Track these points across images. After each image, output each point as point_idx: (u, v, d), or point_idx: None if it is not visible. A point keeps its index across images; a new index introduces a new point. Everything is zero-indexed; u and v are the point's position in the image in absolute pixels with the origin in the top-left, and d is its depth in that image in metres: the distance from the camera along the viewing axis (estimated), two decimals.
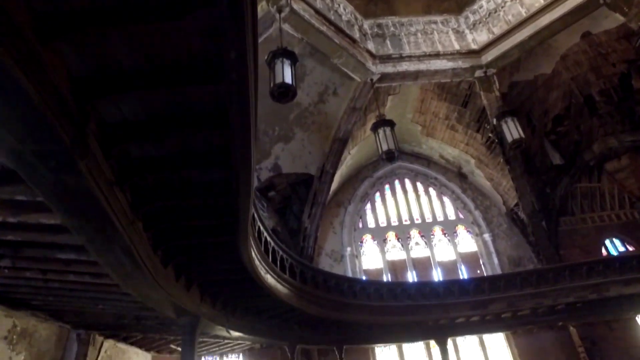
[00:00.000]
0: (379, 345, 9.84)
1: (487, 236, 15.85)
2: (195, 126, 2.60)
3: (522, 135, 11.45)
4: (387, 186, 17.51)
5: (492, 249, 15.46)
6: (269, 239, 5.80)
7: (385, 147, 10.74)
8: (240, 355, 13.60)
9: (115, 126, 2.43)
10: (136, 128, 2.52)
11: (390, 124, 11.02)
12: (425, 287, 9.22)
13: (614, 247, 15.27)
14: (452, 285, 9.43)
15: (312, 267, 7.45)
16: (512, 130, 11.64)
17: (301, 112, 13.93)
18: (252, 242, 4.72)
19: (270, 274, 5.70)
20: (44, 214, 3.25)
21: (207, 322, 5.71)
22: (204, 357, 13.75)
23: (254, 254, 4.79)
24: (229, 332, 6.33)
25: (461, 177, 17.46)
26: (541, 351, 13.49)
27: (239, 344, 11.83)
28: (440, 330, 9.72)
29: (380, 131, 11.05)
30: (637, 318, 13.89)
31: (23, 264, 4.47)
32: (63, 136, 1.82)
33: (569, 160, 15.07)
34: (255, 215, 4.90)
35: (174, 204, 3.45)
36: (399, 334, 9.52)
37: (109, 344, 10.21)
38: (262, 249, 5.30)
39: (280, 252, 6.31)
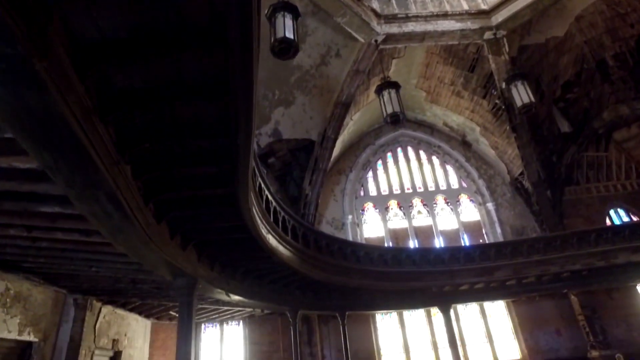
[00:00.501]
0: (381, 311, 9.73)
1: (490, 205, 15.61)
2: (186, 46, 2.18)
3: (533, 99, 11.00)
4: (389, 154, 17.12)
5: (495, 218, 15.24)
6: (270, 197, 5.46)
7: (390, 110, 10.31)
8: (241, 322, 13.57)
9: (89, 41, 2.02)
10: (115, 46, 2.11)
11: (395, 86, 10.50)
12: (429, 254, 9.00)
13: (618, 217, 15.06)
14: (458, 252, 9.21)
15: (315, 231, 7.18)
16: (522, 94, 11.16)
17: (302, 75, 13.37)
18: (253, 199, 4.37)
19: (272, 235, 5.39)
20: (18, 157, 2.87)
21: (205, 285, 5.43)
22: (204, 325, 13.73)
23: (255, 211, 4.46)
24: (228, 296, 6.09)
25: (465, 145, 17.05)
26: (541, 319, 13.50)
27: (239, 311, 11.73)
28: (443, 298, 9.58)
29: (385, 93, 10.57)
30: (637, 287, 13.86)
31: (4, 219, 4.12)
32: (13, 28, 1.42)
33: (577, 129, 14.63)
34: (256, 170, 4.54)
35: (164, 147, 3.07)
36: (402, 300, 9.37)
37: (107, 309, 10.06)
38: (264, 206, 4.96)
39: (282, 213, 5.98)
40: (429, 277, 8.75)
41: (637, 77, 13.70)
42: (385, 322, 13.77)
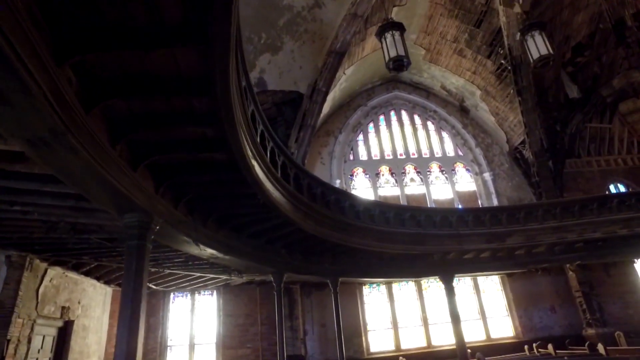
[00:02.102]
0: (377, 280, 8.60)
1: (487, 175, 14.61)
2: None
3: (551, 51, 9.82)
4: (381, 117, 15.82)
5: (492, 189, 14.27)
6: (257, 116, 4.04)
7: (393, 53, 8.99)
8: (214, 292, 12.25)
9: None
10: None
11: (400, 27, 9.19)
12: (436, 215, 7.85)
13: (617, 192, 14.33)
14: (467, 214, 8.10)
15: (309, 174, 5.83)
16: (540, 46, 10.01)
17: (292, 18, 11.74)
18: (236, 97, 2.97)
19: (259, 164, 3.98)
20: None
21: (166, 228, 4.00)
22: (173, 294, 12.33)
23: (238, 116, 3.05)
24: (198, 246, 4.71)
25: (462, 111, 15.90)
26: (536, 296, 12.80)
27: (213, 279, 10.38)
28: (446, 267, 8.51)
29: (388, 35, 9.27)
30: (634, 264, 13.28)
31: None
32: None
33: (585, 96, 13.65)
34: (239, 64, 3.12)
35: None
36: (401, 268, 8.25)
37: (55, 272, 8.49)
38: (249, 117, 3.53)
39: (271, 142, 4.58)
40: (435, 240, 7.62)
41: None
42: (373, 296, 12.75)
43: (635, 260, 13.19)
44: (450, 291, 8.55)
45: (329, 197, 6.20)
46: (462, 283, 13.09)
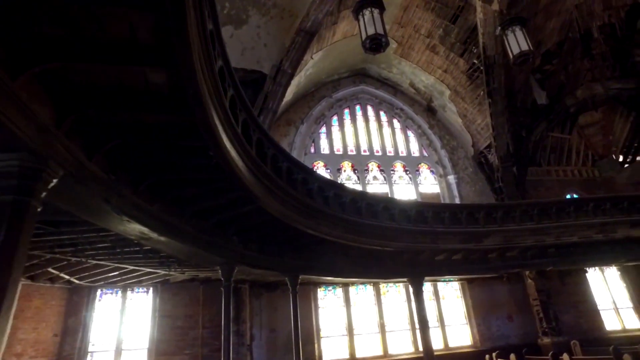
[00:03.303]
0: (338, 280, 7.60)
1: (451, 178, 14.18)
2: None
3: (531, 47, 9.45)
4: (346, 110, 14.99)
5: (455, 192, 13.83)
6: (217, 38, 2.90)
7: (371, 31, 8.15)
8: (150, 290, 10.73)
9: None
10: None
11: (379, 4, 8.44)
12: (411, 209, 7.02)
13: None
14: (443, 211, 7.35)
15: (275, 143, 4.68)
16: (520, 41, 9.61)
17: None
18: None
19: (214, 104, 2.84)
20: None
21: (71, 183, 2.70)
22: (101, 291, 10.64)
23: (190, 9, 1.95)
24: (121, 218, 3.43)
25: (430, 111, 15.45)
26: (494, 304, 12.44)
27: (150, 274, 8.95)
28: (416, 268, 7.71)
29: (366, 12, 8.52)
30: (587, 274, 13.33)
31: None
32: None
33: (550, 105, 13.58)
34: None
35: None
36: (369, 267, 7.32)
37: None
38: (206, 24, 2.40)
39: (232, 89, 3.42)
40: (409, 237, 6.78)
41: (617, 54, 12.89)
42: (329, 299, 11.77)
43: (588, 270, 13.27)
44: (419, 295, 7.75)
45: (296, 175, 5.13)
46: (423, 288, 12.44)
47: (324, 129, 14.32)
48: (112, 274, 8.88)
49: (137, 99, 2.64)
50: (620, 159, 15.33)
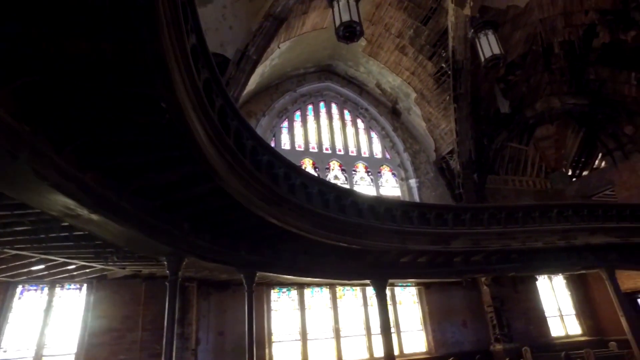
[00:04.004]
0: (298, 279, 6.95)
1: (412, 182, 14.03)
2: None
3: (502, 51, 9.44)
4: (310, 106, 14.46)
5: (416, 196, 13.67)
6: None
7: (345, 18, 7.75)
8: (84, 287, 9.53)
9: None
10: None
11: None
12: (380, 205, 6.55)
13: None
14: (412, 210, 6.97)
15: (239, 115, 3.96)
16: (493, 45, 9.59)
17: None
18: None
19: (174, 50, 2.19)
20: None
21: None
22: (23, 287, 9.29)
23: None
24: (38, 183, 2.62)
25: (394, 113, 15.28)
26: (450, 310, 12.35)
27: (84, 268, 7.85)
28: (380, 270, 7.27)
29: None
30: (537, 282, 13.63)
31: None
32: None
33: (511, 115, 13.83)
34: None
35: None
36: (332, 267, 6.76)
37: None
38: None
39: (194, 38, 2.72)
40: (377, 235, 6.31)
41: (575, 71, 13.34)
42: (283, 302, 11.10)
43: (538, 277, 13.57)
44: (381, 298, 7.30)
45: (261, 156, 4.47)
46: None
47: (285, 124, 13.70)
48: (37, 267, 7.71)
49: (65, 17, 1.90)
50: (570, 172, 15.95)
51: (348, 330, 11.28)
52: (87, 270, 8.25)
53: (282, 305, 11.02)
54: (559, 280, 14.20)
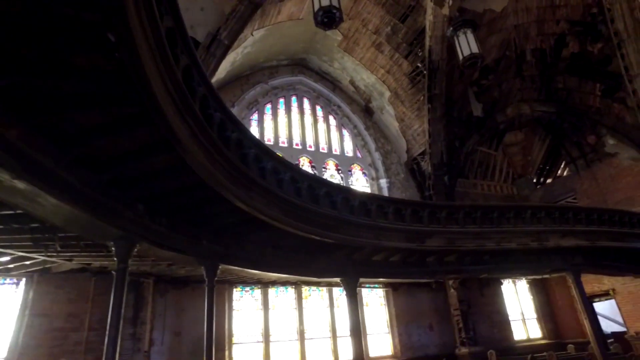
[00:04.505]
0: (266, 274, 6.39)
1: (383, 182, 13.80)
2: None
3: (480, 50, 9.35)
4: (281, 100, 13.97)
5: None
6: None
7: (325, 2, 7.39)
8: (22, 281, 8.56)
9: None
10: None
11: None
12: (354, 198, 6.15)
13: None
14: (387, 205, 6.62)
15: (207, 80, 3.44)
16: (471, 44, 9.48)
17: None
18: None
19: (147, 20, 1.74)
20: None
21: None
22: None
23: None
24: None
25: (367, 112, 15.04)
26: (417, 312, 12.18)
27: (22, 259, 6.98)
28: (352, 267, 6.88)
29: None
30: (502, 286, 13.74)
31: None
32: None
33: (483, 119, 13.90)
34: None
35: None
36: (301, 263, 6.28)
37: None
38: None
39: None
40: (351, 230, 5.91)
41: (545, 79, 13.58)
42: (245, 301, 10.52)
43: (503, 281, 13.67)
44: (353, 298, 6.90)
45: (230, 132, 3.94)
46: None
47: (255, 116, 13.13)
48: None
49: None
50: (535, 179, 16.27)
51: (313, 332, 10.85)
52: (27, 263, 7.37)
53: (244, 305, 10.44)
54: (522, 284, 14.39)
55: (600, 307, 15.03)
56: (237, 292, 10.50)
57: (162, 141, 2.92)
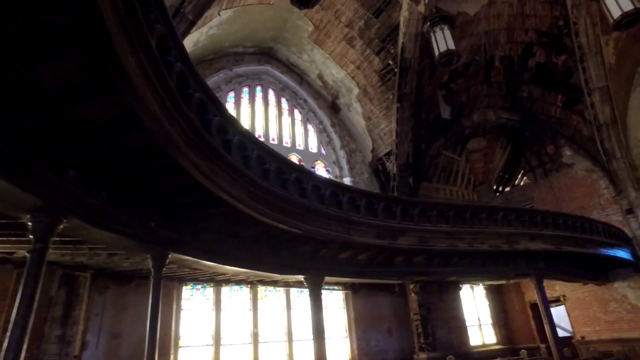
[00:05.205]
0: (224, 266, 5.58)
1: (347, 181, 13.36)
2: None
3: (454, 47, 9.19)
4: (245, 89, 13.21)
5: None
6: None
7: None
8: None
9: None
10: None
11: None
12: (325, 187, 5.55)
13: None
14: (359, 197, 6.09)
15: (169, 18, 2.78)
16: (448, 40, 9.28)
17: None
18: None
19: None
20: None
21: None
22: None
23: None
24: None
25: (334, 108, 14.59)
26: (377, 316, 11.80)
27: None
28: (317, 265, 6.27)
29: None
30: (460, 291, 13.66)
31: None
32: None
33: (449, 123, 13.85)
34: None
35: None
36: (263, 257, 5.56)
37: None
38: None
39: None
40: (321, 221, 5.30)
41: (511, 87, 13.74)
42: (196, 300, 9.64)
43: (462, 286, 13.60)
44: (317, 298, 6.30)
45: (192, 91, 3.23)
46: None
47: None
48: None
49: None
50: (495, 187, 16.50)
51: (268, 335, 10.13)
52: None
53: (194, 304, 9.55)
54: (480, 290, 14.42)
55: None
56: (187, 291, 9.60)
57: (102, 74, 2.19)
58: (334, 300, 11.68)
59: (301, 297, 11.02)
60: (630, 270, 11.82)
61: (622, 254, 10.34)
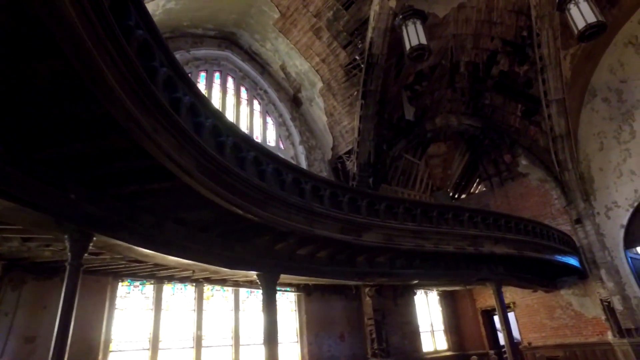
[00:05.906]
0: (174, 258, 4.71)
1: None
2: None
3: (426, 42, 8.92)
4: (203, 74, 12.30)
5: None
6: None
7: None
8: None
9: None
10: None
11: None
12: (287, 172, 4.90)
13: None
14: (324, 187, 5.47)
15: None
16: (420, 34, 8.99)
17: None
18: None
19: None
20: None
21: None
22: None
23: None
24: None
25: (295, 102, 13.99)
26: (329, 320, 11.27)
27: None
28: (273, 260, 5.60)
29: None
30: (415, 296, 13.46)
31: None
32: None
33: (412, 125, 13.69)
34: None
35: None
36: (211, 248, 4.79)
37: None
38: None
39: None
40: (280, 209, 4.63)
41: (474, 93, 13.82)
42: (133, 299, 8.60)
43: (416, 291, 13.40)
44: (271, 297, 5.63)
45: (135, 29, 2.51)
46: (254, 297, 10.36)
47: None
48: None
49: None
50: (452, 193, 16.59)
51: (213, 338, 9.26)
52: None
53: (131, 303, 8.50)
54: (433, 295, 14.31)
55: (497, 319, 15.63)
56: (123, 287, 8.54)
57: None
58: (286, 302, 10.99)
59: (251, 298, 10.27)
60: (575, 278, 12.15)
61: (573, 261, 10.54)
